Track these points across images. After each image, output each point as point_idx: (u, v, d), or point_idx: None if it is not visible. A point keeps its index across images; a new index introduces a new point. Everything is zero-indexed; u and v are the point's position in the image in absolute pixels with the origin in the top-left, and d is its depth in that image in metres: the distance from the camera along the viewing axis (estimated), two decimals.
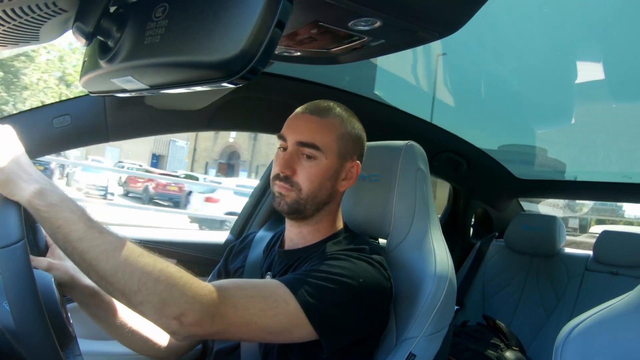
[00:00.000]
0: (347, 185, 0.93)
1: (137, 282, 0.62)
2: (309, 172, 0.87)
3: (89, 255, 0.62)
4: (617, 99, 1.98)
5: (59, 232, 0.62)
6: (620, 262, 1.91)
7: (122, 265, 0.62)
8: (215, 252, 1.52)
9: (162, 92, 0.68)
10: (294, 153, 0.88)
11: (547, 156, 2.58)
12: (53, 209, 0.62)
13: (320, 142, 0.87)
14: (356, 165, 0.92)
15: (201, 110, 1.33)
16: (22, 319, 0.57)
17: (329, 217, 0.93)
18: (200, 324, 0.65)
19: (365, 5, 0.63)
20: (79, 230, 0.62)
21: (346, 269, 0.79)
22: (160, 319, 0.64)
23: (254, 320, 0.70)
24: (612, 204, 15.99)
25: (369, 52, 0.83)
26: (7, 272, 0.57)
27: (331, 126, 0.89)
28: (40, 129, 1.12)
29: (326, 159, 0.87)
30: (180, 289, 0.64)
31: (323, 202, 0.90)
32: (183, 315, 0.64)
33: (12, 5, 0.59)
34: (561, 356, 0.58)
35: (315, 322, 0.73)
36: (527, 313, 2.07)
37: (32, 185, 0.63)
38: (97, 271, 0.62)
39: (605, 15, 1.55)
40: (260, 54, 0.48)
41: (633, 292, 0.57)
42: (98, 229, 0.64)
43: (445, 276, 0.91)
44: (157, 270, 0.64)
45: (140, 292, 0.62)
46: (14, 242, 0.58)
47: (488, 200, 2.38)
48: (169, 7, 0.57)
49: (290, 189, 0.87)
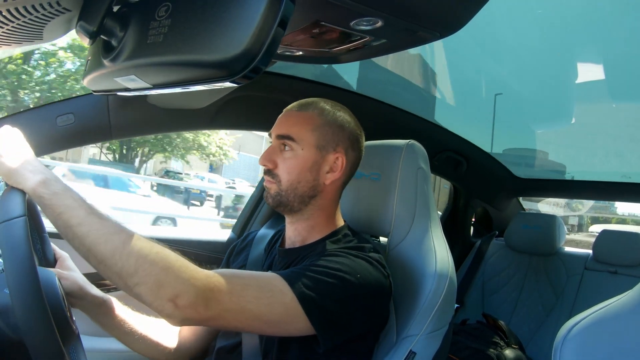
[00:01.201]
0: (333, 178, 0.91)
1: (133, 264, 0.64)
2: (287, 164, 0.89)
3: (88, 240, 0.64)
4: (616, 99, 1.99)
5: (60, 218, 0.65)
6: (619, 261, 1.92)
7: (120, 248, 0.64)
8: (218, 249, 1.53)
9: (165, 91, 0.68)
10: (275, 147, 0.91)
11: (549, 159, 2.61)
12: (55, 196, 0.66)
13: (295, 134, 0.88)
14: (341, 157, 0.91)
15: (203, 109, 1.34)
16: (20, 294, 0.58)
17: (322, 213, 0.93)
18: (195, 307, 0.66)
19: (367, 5, 0.63)
20: (80, 216, 0.65)
21: (344, 264, 0.79)
22: (155, 301, 0.65)
23: (249, 307, 0.70)
24: (605, 202, 16.05)
25: (370, 52, 0.83)
26: (6, 246, 0.59)
27: (308, 118, 0.90)
28: (44, 127, 1.13)
29: (302, 150, 0.88)
30: (175, 271, 0.66)
31: (307, 194, 0.90)
32: (178, 297, 0.65)
33: (16, 5, 0.60)
34: (560, 354, 0.58)
35: (311, 315, 0.74)
36: (527, 311, 2.08)
37: (37, 175, 0.67)
38: (95, 254, 0.64)
39: (603, 15, 1.56)
40: (262, 53, 0.48)
41: (632, 291, 0.57)
42: (98, 215, 0.66)
43: (446, 274, 0.92)
44: (154, 253, 0.65)
45: (137, 274, 0.64)
46: (14, 217, 0.61)
47: (488, 200, 2.38)
48: (172, 7, 0.57)
49: (272, 181, 0.90)
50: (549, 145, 2.52)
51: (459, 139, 2.05)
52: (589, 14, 1.58)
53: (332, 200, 0.94)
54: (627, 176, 2.15)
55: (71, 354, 0.69)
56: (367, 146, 0.99)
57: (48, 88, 10.39)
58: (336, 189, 0.94)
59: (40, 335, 0.58)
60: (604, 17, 1.58)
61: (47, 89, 10.38)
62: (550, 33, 1.75)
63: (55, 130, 1.14)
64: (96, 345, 1.21)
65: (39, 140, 1.11)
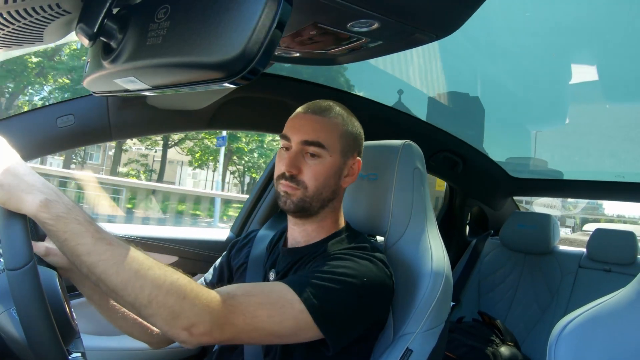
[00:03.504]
0: (350, 182, 0.95)
1: (147, 295, 0.62)
2: (315, 170, 0.88)
3: (98, 269, 0.61)
4: (610, 100, 2.01)
5: (66, 245, 0.60)
6: (613, 259, 1.94)
7: (133, 279, 0.61)
8: (217, 249, 1.54)
9: (164, 92, 0.68)
10: (299, 152, 0.89)
11: (548, 167, 2.67)
12: (60, 221, 0.60)
13: (324, 140, 0.89)
14: (357, 162, 0.95)
15: (202, 110, 1.34)
16: (35, 342, 0.57)
17: (332, 215, 0.95)
18: (210, 334, 0.66)
19: (364, 7, 0.64)
20: (87, 244, 0.60)
21: (350, 268, 0.80)
22: (170, 330, 0.64)
23: (262, 326, 0.71)
24: (594, 202, 16.18)
25: (367, 53, 0.84)
26: (19, 295, 0.56)
27: (334, 125, 0.91)
28: (44, 128, 1.13)
29: (330, 157, 0.89)
30: (190, 301, 0.64)
31: (328, 198, 0.91)
32: (193, 326, 0.64)
33: (16, 7, 0.60)
34: (555, 351, 0.59)
35: (321, 324, 0.74)
36: (522, 309, 2.09)
37: (36, 196, 0.59)
38: (106, 284, 0.62)
39: (597, 17, 1.57)
40: (260, 54, 0.49)
41: (625, 288, 0.58)
42: (106, 241, 0.62)
43: (442, 273, 0.93)
44: (168, 284, 0.64)
45: (151, 306, 0.62)
46: (23, 265, 0.57)
47: (484, 199, 2.40)
48: (170, 9, 0.58)
49: (296, 187, 0.89)
50: (544, 145, 2.55)
51: (455, 139, 2.06)
52: (583, 16, 1.60)
53: (341, 200, 0.96)
54: (621, 176, 2.17)
55: (72, 353, 0.70)
56: (364, 147, 1.00)
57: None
58: (345, 191, 0.97)
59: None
60: (599, 18, 1.60)
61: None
62: (545, 34, 1.77)
63: (55, 131, 1.14)
64: (97, 344, 1.21)
65: (39, 141, 1.12)
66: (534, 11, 1.61)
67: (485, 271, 2.25)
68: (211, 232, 1.71)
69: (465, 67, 2.25)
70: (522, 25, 1.75)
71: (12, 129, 1.12)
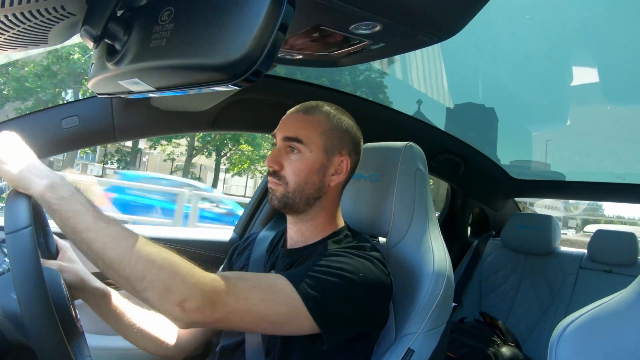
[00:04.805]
0: (338, 180, 0.93)
1: (142, 269, 0.64)
2: (295, 166, 0.90)
3: (96, 245, 0.65)
4: (612, 102, 2.01)
5: (68, 223, 0.65)
6: (614, 260, 1.94)
7: (128, 253, 0.65)
8: (220, 249, 1.54)
9: (168, 94, 0.69)
10: (282, 149, 0.91)
11: (550, 170, 2.67)
12: (63, 201, 0.66)
13: (304, 136, 0.90)
14: (346, 160, 0.93)
15: (205, 111, 1.35)
16: (28, 303, 0.59)
17: (325, 214, 0.94)
18: (202, 311, 0.67)
19: (366, 9, 0.64)
20: (87, 221, 0.65)
21: (346, 263, 0.81)
22: (163, 305, 0.66)
23: (254, 309, 0.72)
24: (594, 204, 16.18)
25: (369, 55, 0.85)
26: (14, 256, 0.60)
27: (316, 122, 0.91)
28: (49, 129, 1.14)
29: (310, 152, 0.90)
30: (183, 276, 0.66)
31: (312, 196, 0.91)
32: (185, 301, 0.65)
33: (22, 9, 0.61)
34: (556, 352, 0.59)
35: (315, 314, 0.75)
36: (523, 310, 2.09)
37: (44, 180, 0.67)
38: (103, 259, 0.65)
39: (598, 19, 1.58)
40: (263, 57, 0.50)
41: (626, 289, 0.59)
42: (105, 220, 0.67)
43: (443, 274, 0.93)
44: (162, 259, 0.66)
45: (145, 279, 0.64)
46: (22, 228, 0.62)
47: (485, 200, 2.40)
48: (174, 11, 0.59)
49: (279, 183, 0.90)
50: (545, 145, 2.55)
51: (456, 140, 2.06)
52: (584, 19, 1.60)
53: (334, 201, 0.96)
54: (621, 177, 2.17)
55: (76, 352, 0.70)
56: (366, 148, 1.01)
57: None
58: (338, 190, 0.96)
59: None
60: (599, 21, 1.60)
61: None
62: (546, 36, 1.77)
63: (60, 132, 1.15)
64: (101, 343, 1.22)
65: (44, 142, 1.13)
66: (534, 13, 1.61)
67: (487, 272, 2.25)
68: (214, 232, 1.72)
69: (465, 68, 2.25)
70: (523, 28, 1.75)
71: (18, 130, 1.12)
